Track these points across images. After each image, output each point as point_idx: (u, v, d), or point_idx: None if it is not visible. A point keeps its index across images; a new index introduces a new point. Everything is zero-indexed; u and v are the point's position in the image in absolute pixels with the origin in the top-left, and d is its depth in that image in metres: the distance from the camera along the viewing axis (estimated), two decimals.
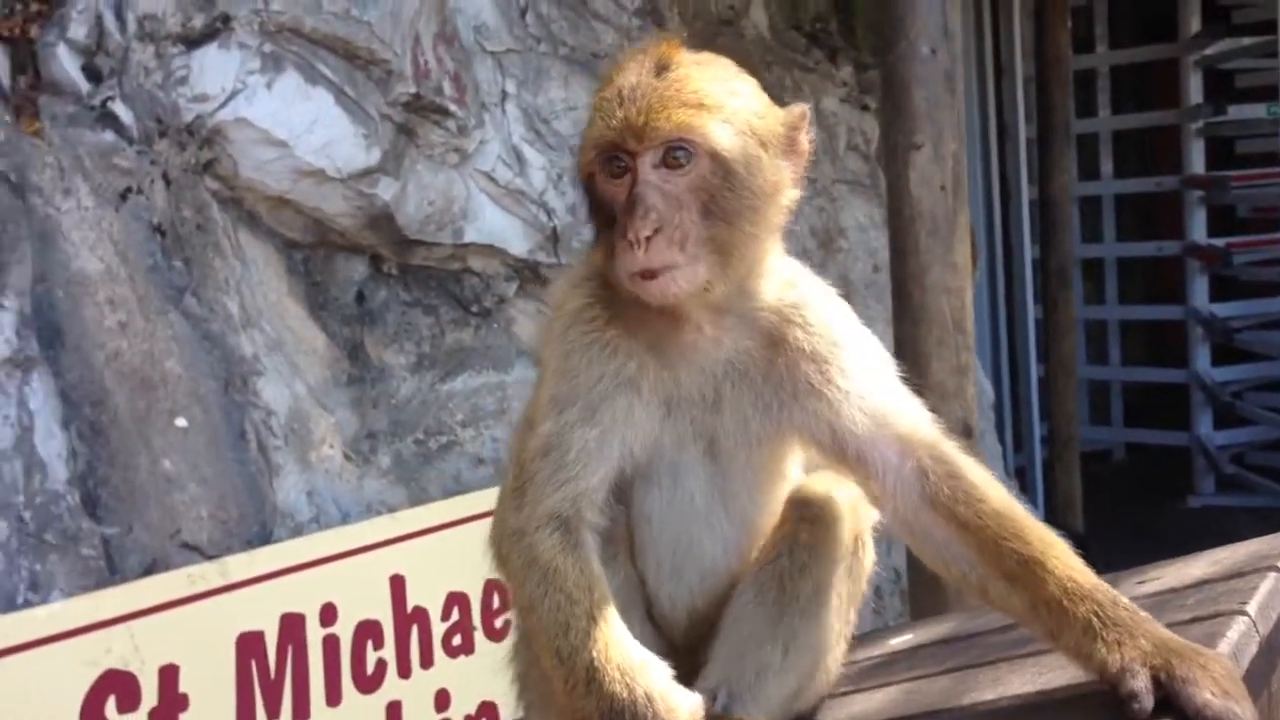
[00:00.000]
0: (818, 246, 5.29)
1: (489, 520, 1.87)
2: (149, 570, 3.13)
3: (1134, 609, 1.46)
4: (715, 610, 1.67)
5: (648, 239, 1.48)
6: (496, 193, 4.09)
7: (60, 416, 3.08)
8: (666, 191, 1.51)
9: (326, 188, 3.68)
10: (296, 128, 3.55)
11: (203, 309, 3.44)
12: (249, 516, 3.38)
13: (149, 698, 2.97)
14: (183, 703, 3.03)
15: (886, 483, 1.56)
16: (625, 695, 1.41)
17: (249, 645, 3.16)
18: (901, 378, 1.70)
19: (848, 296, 5.85)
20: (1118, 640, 1.40)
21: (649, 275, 1.50)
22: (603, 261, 1.59)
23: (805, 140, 1.63)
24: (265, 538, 3.41)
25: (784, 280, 1.66)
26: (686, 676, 1.56)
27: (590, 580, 1.50)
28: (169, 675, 3.02)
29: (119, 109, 3.34)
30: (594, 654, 1.44)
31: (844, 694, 1.68)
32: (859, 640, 1.86)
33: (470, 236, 4.05)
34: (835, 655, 1.71)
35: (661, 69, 1.55)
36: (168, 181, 3.44)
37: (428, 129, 3.87)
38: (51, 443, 3.03)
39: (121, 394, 3.19)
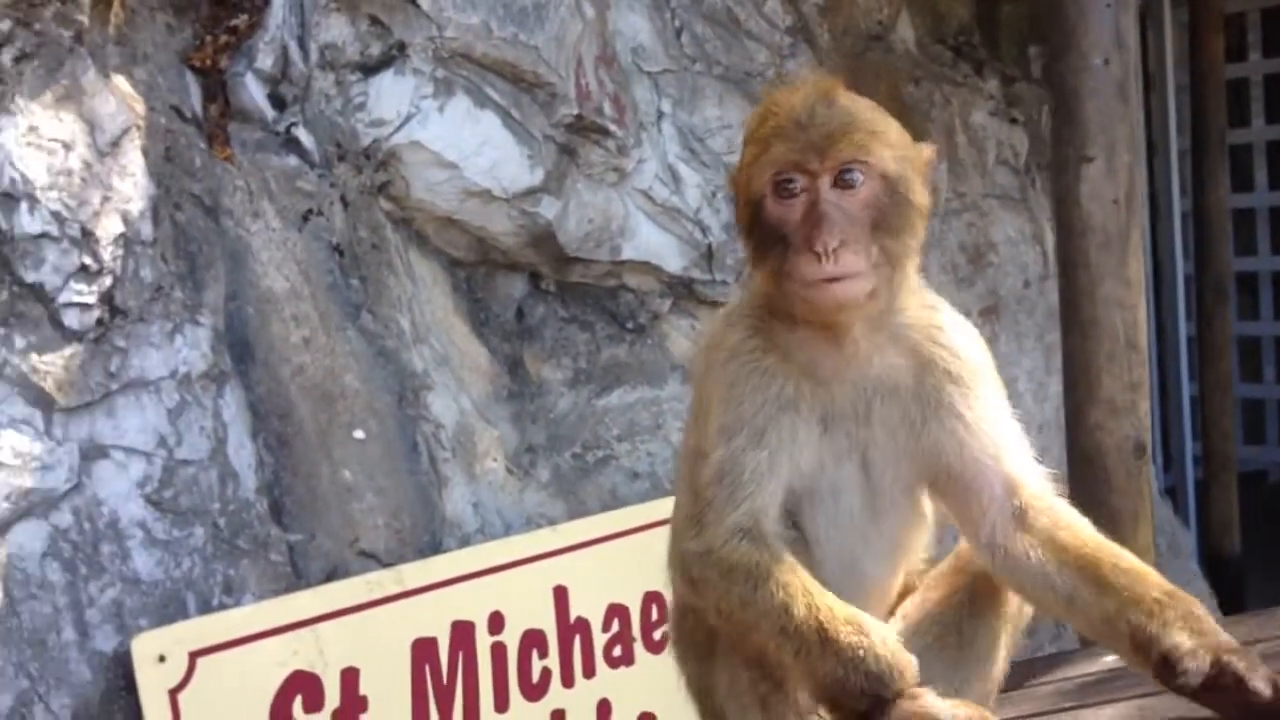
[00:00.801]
0: (967, 261, 5.24)
1: (647, 534, 1.91)
2: (330, 576, 3.25)
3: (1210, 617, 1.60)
4: None
5: (835, 250, 1.59)
6: (653, 210, 4.16)
7: (249, 428, 3.23)
8: (843, 208, 1.62)
9: (492, 207, 3.79)
10: (466, 150, 3.67)
11: (378, 325, 3.57)
12: (421, 526, 3.49)
13: (332, 698, 3.10)
14: (363, 704, 3.15)
15: (989, 511, 1.67)
16: (864, 641, 1.52)
17: (423, 650, 3.27)
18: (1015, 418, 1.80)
19: (997, 312, 5.72)
20: (1207, 638, 1.56)
21: (832, 281, 1.60)
22: (767, 281, 1.70)
23: (933, 177, 1.76)
24: (436, 547, 3.51)
25: (924, 303, 1.77)
26: None
27: (793, 565, 1.61)
28: (350, 677, 3.14)
29: (302, 134, 3.50)
30: (821, 618, 1.54)
31: (1068, 709, 1.67)
32: (1066, 656, 1.86)
33: (627, 254, 4.12)
34: (994, 697, 1.80)
35: (830, 100, 1.67)
36: (345, 203, 3.58)
37: (588, 149, 3.96)
38: (242, 453, 3.17)
39: (305, 407, 3.33)
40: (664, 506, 4.07)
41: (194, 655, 2.89)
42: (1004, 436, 1.68)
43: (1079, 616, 1.65)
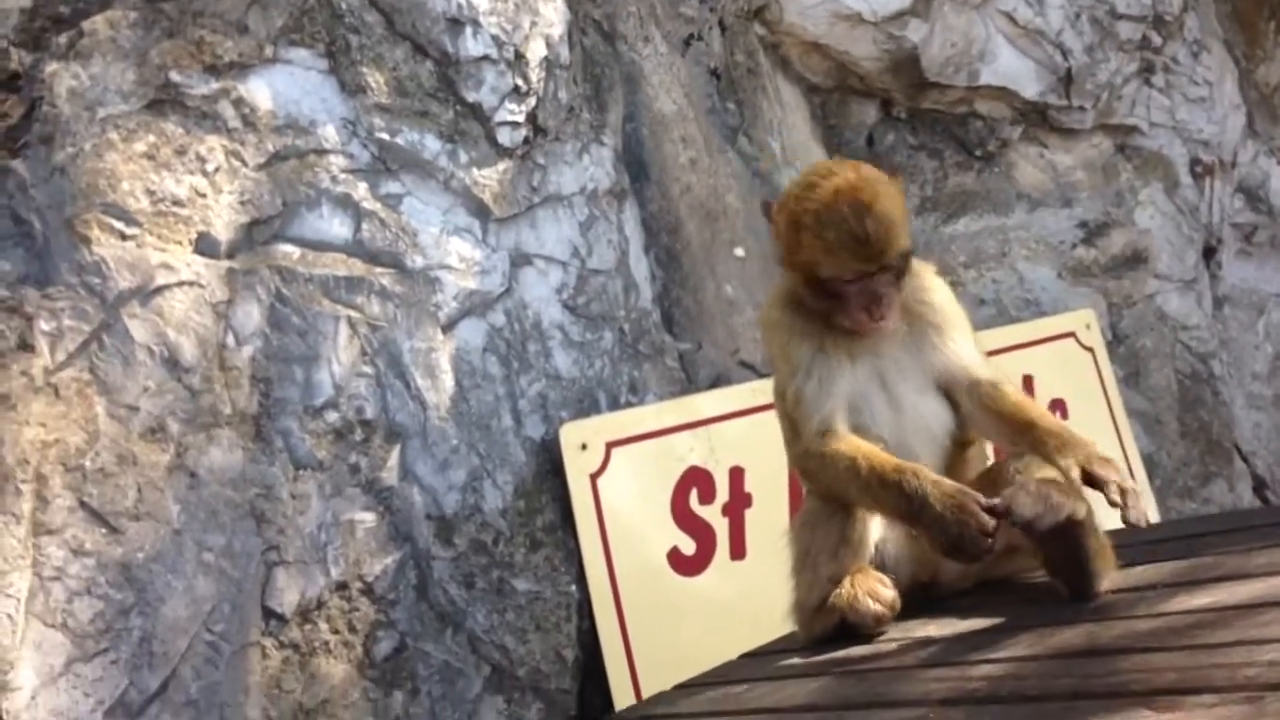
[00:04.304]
0: None
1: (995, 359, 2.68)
2: (715, 383, 3.49)
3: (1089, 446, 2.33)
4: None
5: (882, 315, 2.39)
6: (1014, 33, 4.09)
7: (643, 243, 3.45)
8: (886, 284, 2.36)
9: (859, 31, 3.83)
10: None
11: (753, 148, 3.71)
12: None
13: (722, 493, 3.36)
14: (748, 500, 3.40)
15: (962, 398, 2.50)
16: (911, 476, 2.27)
17: None
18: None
19: None
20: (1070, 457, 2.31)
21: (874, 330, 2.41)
22: (826, 311, 2.41)
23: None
24: None
25: (913, 272, 2.47)
26: None
27: (856, 443, 2.39)
28: (737, 475, 3.39)
29: None
30: (880, 469, 2.31)
31: None
32: None
33: (985, 79, 4.09)
34: None
35: (868, 209, 2.29)
36: (723, 28, 3.69)
37: None
38: (639, 265, 3.41)
39: (692, 224, 3.52)
40: (1008, 333, 4.15)
41: (610, 445, 3.19)
42: (966, 354, 2.49)
43: (1020, 449, 2.43)
